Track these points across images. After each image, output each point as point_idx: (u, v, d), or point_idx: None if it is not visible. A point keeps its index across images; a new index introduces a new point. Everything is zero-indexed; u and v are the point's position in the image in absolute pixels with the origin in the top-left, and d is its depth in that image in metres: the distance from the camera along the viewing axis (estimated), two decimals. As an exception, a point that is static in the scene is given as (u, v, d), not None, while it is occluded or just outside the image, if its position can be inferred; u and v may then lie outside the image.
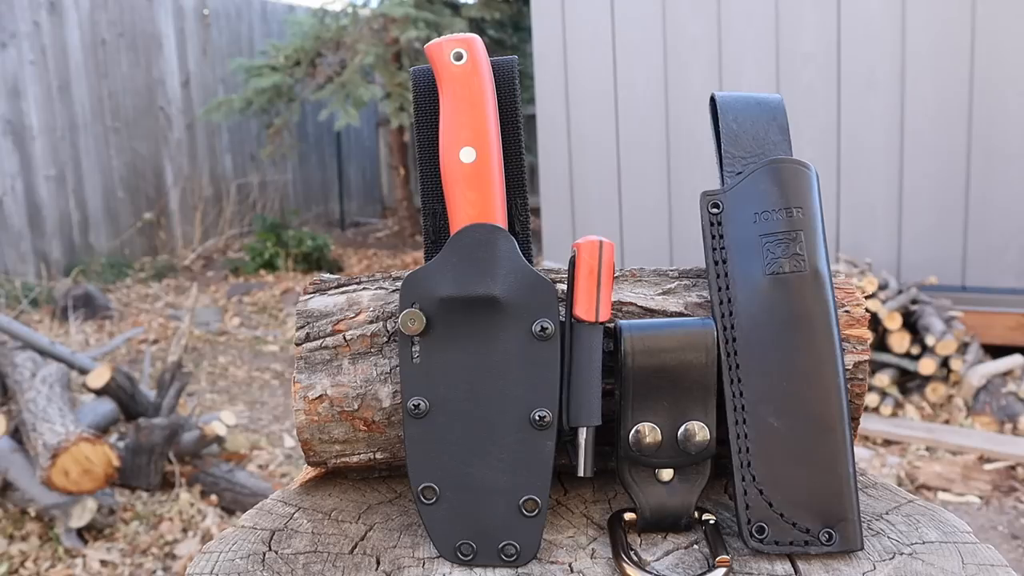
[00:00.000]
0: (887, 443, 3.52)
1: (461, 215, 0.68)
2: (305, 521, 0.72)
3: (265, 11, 8.94)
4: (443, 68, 0.69)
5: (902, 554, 0.65)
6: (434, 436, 0.67)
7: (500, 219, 0.68)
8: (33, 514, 2.92)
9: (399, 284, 0.74)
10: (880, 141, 4.46)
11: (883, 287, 4.04)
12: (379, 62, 7.23)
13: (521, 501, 0.66)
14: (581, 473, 0.66)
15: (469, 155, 0.68)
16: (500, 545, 0.65)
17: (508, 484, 0.66)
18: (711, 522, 0.68)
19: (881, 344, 3.90)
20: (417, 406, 0.67)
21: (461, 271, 0.66)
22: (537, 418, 0.66)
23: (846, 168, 4.55)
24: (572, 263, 0.67)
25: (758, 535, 0.65)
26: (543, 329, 0.66)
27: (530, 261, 0.69)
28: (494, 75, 0.71)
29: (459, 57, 0.69)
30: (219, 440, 3.43)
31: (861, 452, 3.39)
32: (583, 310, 0.66)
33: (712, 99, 0.77)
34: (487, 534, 0.65)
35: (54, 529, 2.87)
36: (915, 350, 3.86)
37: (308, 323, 0.73)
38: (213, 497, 3.17)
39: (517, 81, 0.73)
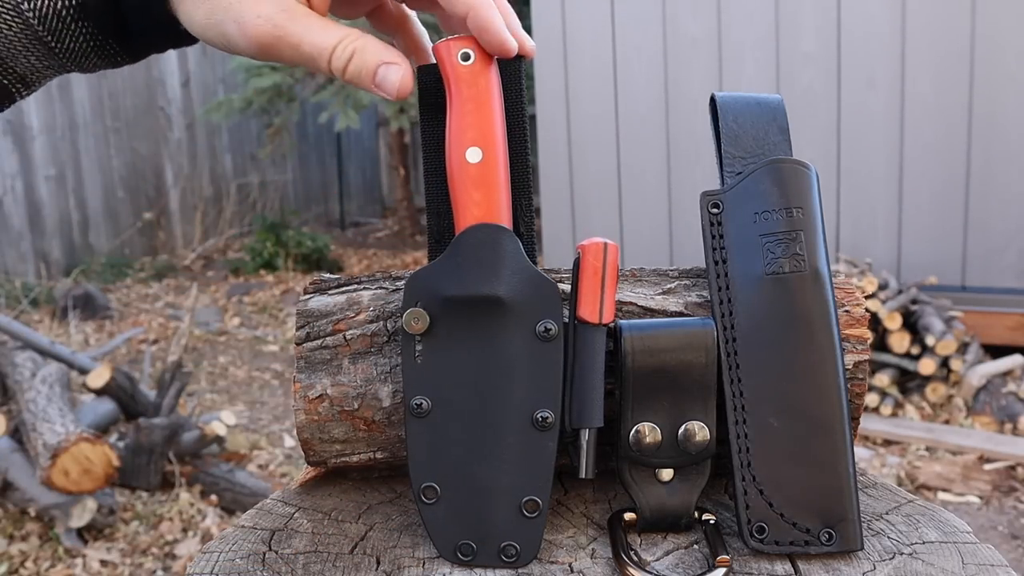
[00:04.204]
0: (887, 443, 3.52)
1: (466, 215, 0.68)
2: (305, 521, 0.72)
3: (265, 11, 8.93)
4: (450, 68, 0.69)
5: (902, 554, 0.65)
6: (436, 436, 0.67)
7: (505, 219, 0.68)
8: (33, 514, 2.92)
9: (399, 284, 0.74)
10: (880, 141, 4.46)
11: (883, 287, 4.04)
12: (379, 63, 7.22)
13: (522, 502, 0.66)
14: (583, 475, 0.66)
15: (475, 155, 0.68)
16: (500, 545, 0.65)
17: (509, 484, 0.66)
18: (711, 522, 0.68)
19: (881, 344, 3.90)
20: (419, 405, 0.67)
21: (465, 271, 0.66)
22: (539, 419, 0.66)
23: (846, 168, 4.55)
24: (576, 265, 0.68)
25: (758, 535, 0.65)
26: (547, 330, 0.66)
27: (534, 262, 0.69)
28: (500, 75, 0.71)
29: (466, 57, 0.69)
30: (219, 440, 3.44)
31: (861, 452, 3.39)
32: (587, 312, 0.66)
33: (712, 99, 0.77)
34: (488, 534, 0.65)
35: (54, 529, 2.87)
36: (915, 350, 3.86)
37: (308, 323, 0.73)
38: (213, 497, 3.17)
39: (523, 81, 0.73)
